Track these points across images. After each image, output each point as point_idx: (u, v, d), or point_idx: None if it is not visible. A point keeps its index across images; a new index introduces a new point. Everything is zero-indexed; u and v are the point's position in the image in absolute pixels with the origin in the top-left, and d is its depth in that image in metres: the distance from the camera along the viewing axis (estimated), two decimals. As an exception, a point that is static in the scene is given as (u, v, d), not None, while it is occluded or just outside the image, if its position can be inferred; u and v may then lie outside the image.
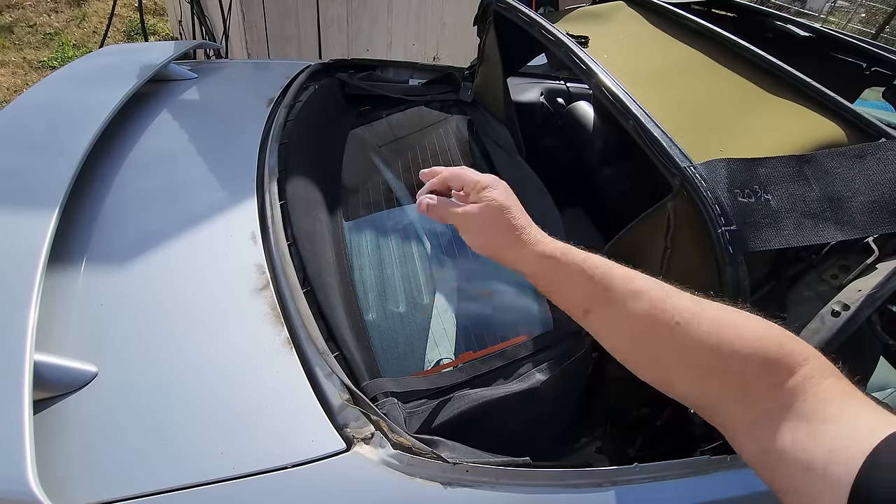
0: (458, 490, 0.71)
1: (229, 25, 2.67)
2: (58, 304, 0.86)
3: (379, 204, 1.34)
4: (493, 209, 0.59)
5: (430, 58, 3.25)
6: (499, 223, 0.59)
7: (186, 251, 0.99)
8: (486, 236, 0.60)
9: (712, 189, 0.79)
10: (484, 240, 0.60)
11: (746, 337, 0.46)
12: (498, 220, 0.59)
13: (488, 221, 0.59)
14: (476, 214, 0.60)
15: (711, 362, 0.46)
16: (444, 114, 1.64)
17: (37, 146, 1.11)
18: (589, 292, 0.53)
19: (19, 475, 0.61)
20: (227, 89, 1.54)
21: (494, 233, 0.59)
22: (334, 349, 0.86)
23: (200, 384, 0.79)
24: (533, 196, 1.23)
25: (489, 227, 0.59)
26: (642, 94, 0.97)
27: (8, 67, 3.48)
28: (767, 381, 0.44)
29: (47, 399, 0.74)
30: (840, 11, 9.11)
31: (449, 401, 0.83)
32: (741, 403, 0.45)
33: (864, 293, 0.83)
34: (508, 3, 1.37)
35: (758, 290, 0.91)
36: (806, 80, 1.05)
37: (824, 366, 0.44)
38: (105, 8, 4.16)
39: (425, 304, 1.09)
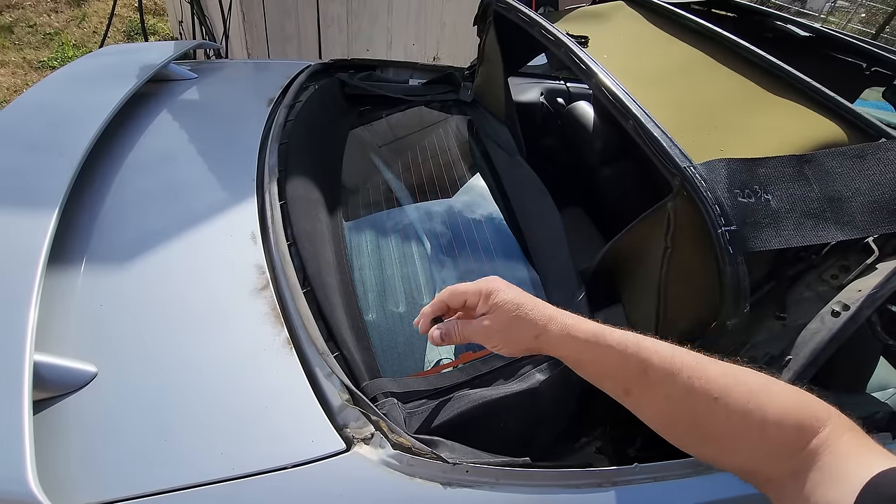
0: (458, 490, 0.71)
1: (229, 25, 2.67)
2: (58, 304, 0.86)
3: (379, 204, 1.34)
4: (508, 312, 0.59)
5: (430, 58, 3.24)
6: (520, 322, 0.58)
7: (186, 251, 0.99)
8: (514, 339, 0.59)
9: (712, 189, 0.79)
10: (513, 343, 0.59)
11: (780, 403, 0.49)
12: (518, 320, 0.58)
13: (510, 325, 0.58)
14: (497, 324, 0.59)
15: (749, 430, 0.49)
16: (444, 114, 1.64)
17: (37, 146, 1.11)
18: (627, 373, 0.54)
19: (19, 475, 0.61)
20: (227, 89, 1.54)
21: (520, 333, 0.58)
22: (334, 349, 0.86)
23: (200, 384, 0.79)
24: (533, 196, 1.23)
25: (513, 330, 0.58)
26: (642, 94, 0.97)
27: (8, 67, 3.47)
28: (797, 443, 0.47)
29: (47, 399, 0.74)
30: (840, 11, 9.11)
31: (449, 401, 0.83)
32: (771, 463, 0.48)
33: (864, 293, 0.83)
34: (508, 3, 1.37)
35: (758, 290, 0.91)
36: (806, 80, 1.05)
37: (843, 423, 0.48)
38: (105, 8, 4.16)
39: (425, 304, 1.09)
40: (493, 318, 0.59)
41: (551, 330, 0.57)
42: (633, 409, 0.55)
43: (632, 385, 0.54)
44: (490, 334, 0.59)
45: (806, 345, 0.83)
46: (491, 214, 1.32)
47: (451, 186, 1.39)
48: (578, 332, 0.56)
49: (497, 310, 0.59)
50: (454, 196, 1.37)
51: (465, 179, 1.44)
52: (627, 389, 0.54)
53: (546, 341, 0.57)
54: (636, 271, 0.98)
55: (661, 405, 0.53)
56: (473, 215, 1.32)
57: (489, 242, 1.23)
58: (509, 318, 0.58)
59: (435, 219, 1.30)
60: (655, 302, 0.88)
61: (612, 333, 0.56)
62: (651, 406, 0.54)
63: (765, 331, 0.88)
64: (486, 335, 0.60)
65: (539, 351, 0.59)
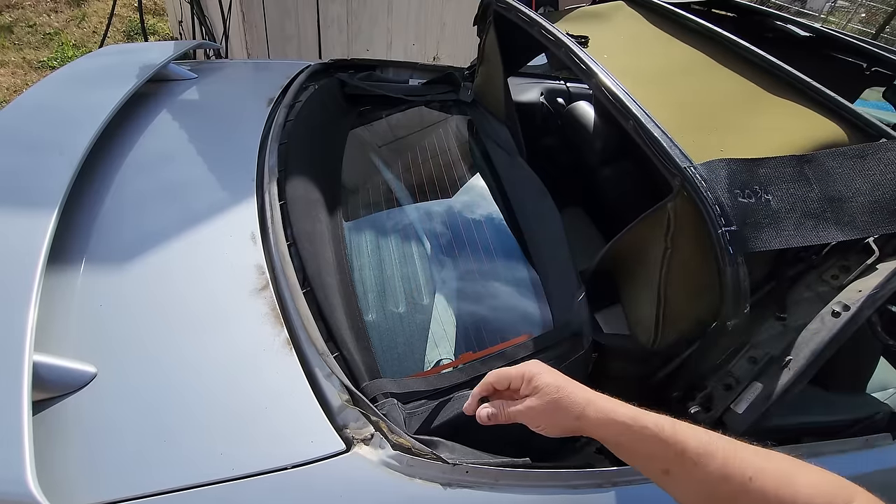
0: (458, 491, 0.71)
1: (229, 25, 2.67)
2: (57, 304, 0.86)
3: (379, 204, 1.34)
4: (550, 395, 0.63)
5: (430, 58, 3.24)
6: (561, 404, 0.62)
7: (186, 251, 0.98)
8: (556, 420, 0.62)
9: (712, 189, 0.78)
10: (555, 424, 0.63)
11: (812, 482, 0.52)
12: (560, 402, 0.62)
13: (552, 407, 0.62)
14: (539, 405, 0.63)
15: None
16: (444, 114, 1.64)
17: (37, 146, 1.11)
18: (665, 454, 0.57)
19: (18, 476, 0.61)
20: (227, 89, 1.54)
21: (562, 414, 0.62)
22: (334, 350, 0.86)
23: (200, 385, 0.79)
24: (533, 196, 1.23)
25: (555, 412, 0.62)
26: (642, 94, 0.97)
27: (8, 67, 3.47)
28: None
29: (47, 400, 0.74)
30: (840, 11, 9.11)
31: (449, 401, 0.83)
32: None
33: (865, 294, 0.83)
34: (508, 3, 1.37)
35: (758, 290, 0.91)
36: (806, 80, 1.05)
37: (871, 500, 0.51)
38: (105, 8, 4.16)
39: (425, 305, 1.09)
40: (535, 400, 0.63)
41: (590, 413, 0.61)
42: (671, 489, 0.58)
43: (670, 465, 0.57)
44: (534, 415, 0.63)
45: (806, 345, 0.83)
46: (491, 214, 1.32)
47: (451, 186, 1.39)
48: (617, 416, 0.60)
49: (539, 392, 0.63)
50: (454, 196, 1.37)
51: (465, 179, 1.44)
52: (666, 470, 0.57)
53: (587, 422, 0.61)
54: (636, 271, 0.98)
55: (700, 486, 0.55)
56: (473, 215, 1.32)
57: (489, 242, 1.23)
58: (551, 401, 0.62)
59: (435, 219, 1.30)
60: (655, 302, 0.88)
61: (648, 416, 0.59)
62: (689, 486, 0.56)
63: (765, 331, 0.88)
64: (530, 416, 0.64)
65: (580, 432, 0.62)
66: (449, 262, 1.19)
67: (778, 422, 1.01)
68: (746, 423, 0.81)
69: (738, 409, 0.82)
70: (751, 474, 0.52)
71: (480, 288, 1.14)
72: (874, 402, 1.24)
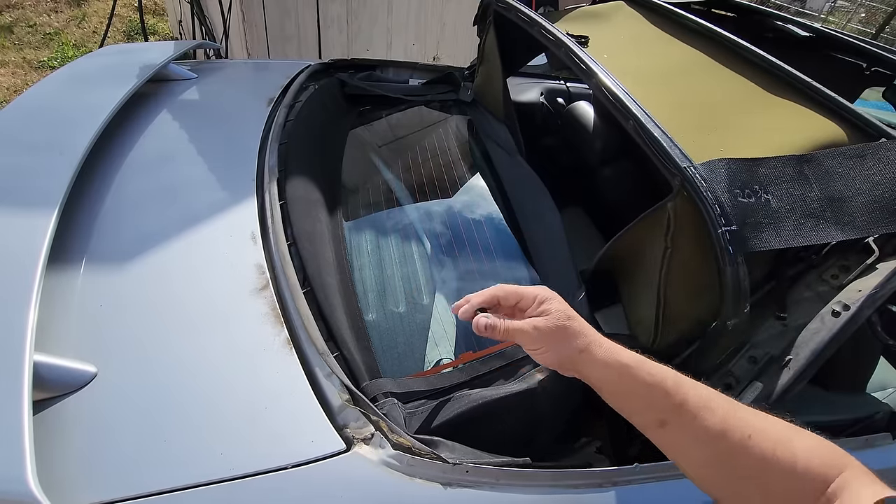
0: (458, 490, 0.71)
1: (229, 25, 2.67)
2: (57, 304, 0.86)
3: (379, 204, 1.34)
4: (559, 319, 0.59)
5: (430, 58, 3.24)
6: (569, 332, 0.58)
7: (186, 251, 0.99)
8: (559, 347, 0.59)
9: (712, 189, 0.78)
10: (556, 351, 0.59)
11: (807, 445, 0.51)
12: (567, 329, 0.58)
13: (559, 332, 0.58)
14: (545, 327, 0.59)
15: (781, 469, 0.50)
16: (444, 114, 1.64)
17: (37, 146, 1.11)
18: (664, 404, 0.54)
19: (19, 475, 0.61)
20: (227, 89, 1.54)
21: (567, 342, 0.58)
22: (334, 349, 0.86)
23: (200, 384, 0.79)
24: (533, 196, 1.23)
25: (560, 337, 0.59)
26: (642, 94, 0.97)
27: (8, 67, 3.47)
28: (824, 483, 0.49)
29: (47, 399, 0.74)
30: (840, 11, 9.11)
31: (449, 401, 0.83)
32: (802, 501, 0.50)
33: (865, 293, 0.83)
34: (508, 3, 1.37)
35: (758, 290, 0.91)
36: (806, 80, 1.05)
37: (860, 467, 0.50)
38: (105, 8, 4.16)
39: (425, 304, 1.09)
40: (543, 321, 0.59)
41: (594, 348, 0.58)
42: (665, 442, 0.55)
43: (669, 416, 0.54)
44: (536, 336, 0.59)
45: (806, 345, 0.83)
46: (491, 214, 1.32)
47: (451, 186, 1.39)
48: (621, 356, 0.57)
49: (549, 314, 0.59)
50: (454, 196, 1.37)
51: (465, 179, 1.44)
52: (663, 420, 0.54)
53: (590, 357, 0.57)
54: (636, 271, 0.98)
55: (697, 440, 0.53)
56: (473, 215, 1.32)
57: (489, 242, 1.23)
58: (559, 326, 0.58)
59: (435, 219, 1.30)
60: (655, 302, 0.88)
61: (652, 364, 0.57)
62: (685, 440, 0.54)
63: (765, 331, 0.88)
64: (532, 336, 0.59)
65: (577, 367, 0.59)
66: (449, 262, 1.19)
67: (778, 421, 1.01)
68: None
69: (738, 408, 0.82)
70: (750, 432, 0.51)
71: (480, 287, 1.14)
72: (874, 401, 1.24)
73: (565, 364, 0.59)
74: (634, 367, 0.56)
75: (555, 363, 0.60)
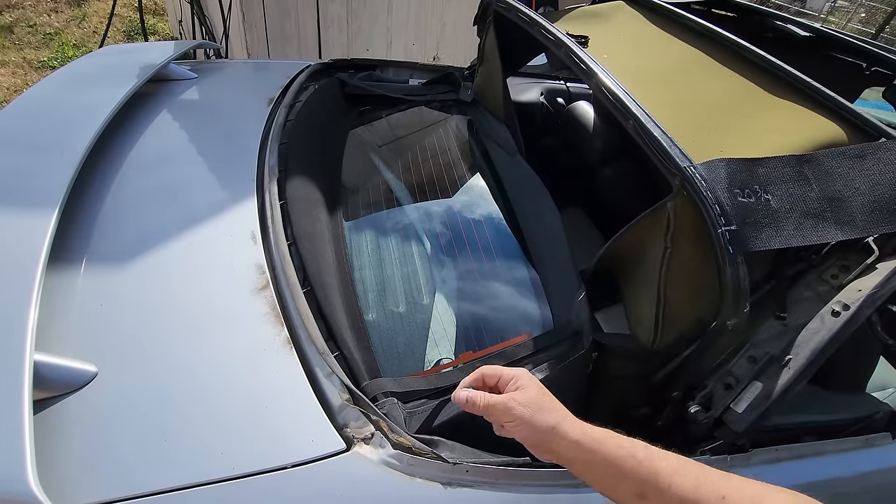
0: (458, 490, 0.71)
1: (229, 25, 2.67)
2: (58, 304, 0.86)
3: (379, 204, 1.34)
4: (534, 394, 0.63)
5: (430, 58, 3.24)
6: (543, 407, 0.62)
7: (186, 251, 0.99)
8: (535, 419, 0.61)
9: (712, 189, 0.79)
10: (532, 423, 0.61)
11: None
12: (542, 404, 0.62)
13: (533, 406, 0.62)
14: (521, 400, 0.62)
15: None
16: (444, 114, 1.64)
17: (37, 146, 1.11)
18: (638, 476, 0.56)
19: (19, 475, 0.61)
20: (227, 89, 1.54)
21: (542, 414, 0.61)
22: (334, 349, 0.86)
23: (200, 384, 0.79)
24: (533, 196, 1.23)
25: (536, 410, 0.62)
26: (642, 94, 0.97)
27: (8, 67, 3.47)
28: None
29: (47, 399, 0.74)
30: (840, 11, 9.11)
31: (449, 401, 0.83)
32: None
33: (865, 293, 0.83)
34: (508, 3, 1.37)
35: (758, 289, 0.91)
36: (806, 80, 1.05)
37: None
38: (105, 8, 4.16)
39: (425, 304, 1.09)
40: (519, 394, 0.63)
41: (566, 426, 0.60)
42: None
43: (645, 488, 0.56)
44: (512, 407, 0.62)
45: (806, 345, 0.83)
46: (491, 214, 1.32)
47: (451, 186, 1.39)
48: (593, 432, 0.60)
49: (524, 388, 0.63)
50: (454, 196, 1.37)
51: (465, 179, 1.44)
52: (642, 493, 0.56)
53: (562, 433, 0.60)
54: (636, 271, 0.98)
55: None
56: (473, 215, 1.32)
57: (489, 242, 1.23)
58: (534, 397, 0.62)
59: (435, 219, 1.30)
60: (655, 301, 0.88)
61: (622, 437, 0.60)
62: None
63: (765, 330, 0.88)
64: (506, 408, 0.62)
65: (550, 445, 0.61)
66: (449, 262, 1.19)
67: (778, 421, 1.01)
68: (746, 423, 0.81)
69: (738, 408, 0.82)
70: (724, 494, 0.53)
71: (480, 287, 1.14)
72: (874, 401, 1.24)
73: (538, 442, 0.61)
74: (604, 441, 0.59)
75: (528, 438, 0.62)
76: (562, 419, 0.61)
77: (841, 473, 0.96)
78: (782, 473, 0.89)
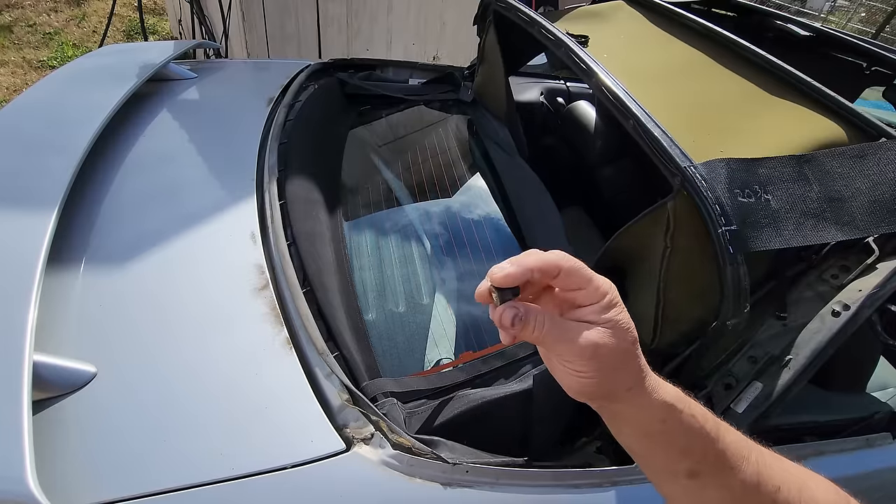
0: (458, 490, 0.71)
1: (229, 25, 2.67)
2: (57, 304, 0.86)
3: (379, 204, 1.34)
4: (628, 342, 0.42)
5: (430, 57, 3.24)
6: (629, 362, 0.43)
7: (186, 251, 0.98)
8: (611, 376, 0.42)
9: (712, 189, 0.78)
10: (605, 380, 0.42)
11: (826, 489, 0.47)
12: (630, 357, 0.43)
13: (619, 359, 0.42)
14: (610, 348, 0.41)
15: None
16: (444, 113, 1.64)
17: (36, 146, 1.11)
18: (703, 451, 0.45)
19: (18, 475, 0.61)
20: (227, 89, 1.54)
21: (620, 373, 0.43)
22: (334, 349, 0.86)
23: (200, 384, 0.79)
24: (533, 196, 1.23)
25: (617, 366, 0.42)
26: (642, 94, 0.97)
27: (7, 67, 3.47)
28: None
29: (47, 399, 0.74)
30: (840, 11, 9.10)
31: (449, 401, 0.83)
32: None
33: (865, 293, 0.83)
34: (508, 3, 1.36)
35: (758, 289, 0.91)
36: (806, 79, 1.05)
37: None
38: (104, 7, 4.15)
39: (425, 304, 1.09)
40: (609, 338, 0.41)
41: (645, 385, 0.44)
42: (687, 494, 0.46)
43: (704, 466, 0.45)
44: (590, 355, 0.41)
45: (806, 345, 0.83)
46: (491, 214, 1.32)
47: (451, 186, 1.39)
48: (667, 393, 0.45)
49: (617, 328, 0.42)
50: (454, 196, 1.37)
51: (465, 179, 1.44)
52: (695, 472, 0.45)
53: (636, 395, 0.43)
54: (636, 271, 0.98)
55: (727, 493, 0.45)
56: (473, 215, 1.32)
57: (489, 242, 1.23)
58: (625, 350, 0.42)
59: (435, 219, 1.30)
60: (655, 301, 0.88)
61: (695, 405, 0.46)
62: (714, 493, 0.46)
63: (765, 330, 0.88)
64: (584, 352, 0.41)
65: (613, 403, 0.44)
66: (449, 262, 1.19)
67: (778, 421, 1.01)
68: (746, 423, 0.81)
69: (738, 408, 0.82)
70: (779, 483, 0.44)
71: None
72: (874, 401, 1.24)
73: (607, 398, 0.44)
74: (679, 409, 0.44)
75: (597, 394, 0.43)
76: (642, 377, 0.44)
77: (841, 474, 0.96)
78: (782, 473, 0.89)
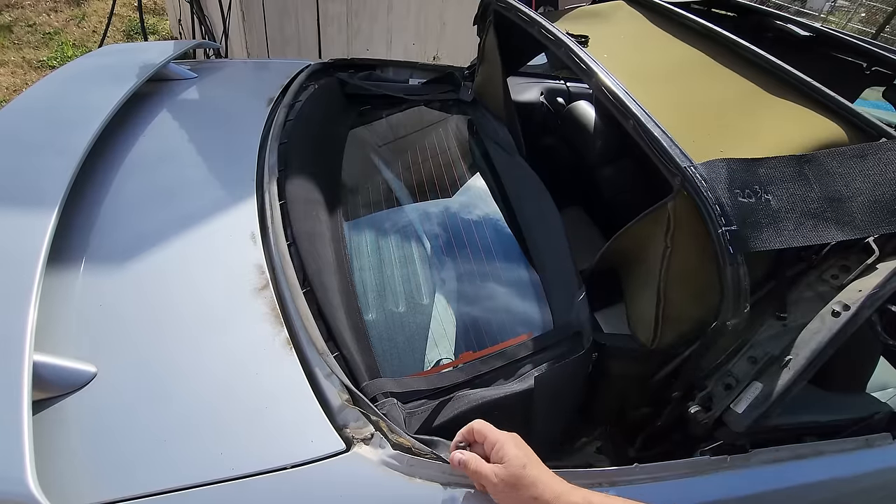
0: (458, 490, 0.71)
1: (229, 25, 2.67)
2: (57, 304, 0.86)
3: (379, 204, 1.34)
4: (515, 468, 0.64)
5: (430, 57, 3.24)
6: (522, 482, 0.64)
7: (186, 251, 0.98)
8: (514, 495, 0.64)
9: (712, 189, 0.78)
10: (513, 499, 0.64)
11: None
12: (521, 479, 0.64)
13: (512, 481, 0.64)
14: (502, 476, 0.64)
15: None
16: (444, 114, 1.64)
17: (36, 146, 1.11)
18: None
19: (18, 475, 0.61)
20: (227, 89, 1.54)
21: (521, 491, 0.64)
22: (334, 349, 0.86)
23: (200, 384, 0.79)
24: (533, 196, 1.23)
25: (514, 487, 0.64)
26: (642, 94, 0.97)
27: (7, 67, 3.47)
28: None
29: (47, 399, 0.74)
30: (840, 11, 9.10)
31: (449, 401, 0.83)
32: None
33: (865, 293, 0.83)
34: (508, 3, 1.36)
35: (758, 290, 0.91)
36: (806, 79, 1.05)
37: None
38: (104, 7, 4.15)
39: (425, 304, 1.09)
40: (501, 469, 0.65)
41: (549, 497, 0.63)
42: None
43: None
44: (497, 483, 0.65)
45: (806, 345, 0.83)
46: (491, 214, 1.32)
47: (451, 186, 1.38)
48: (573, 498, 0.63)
49: (505, 462, 0.65)
50: (454, 196, 1.37)
51: (465, 179, 1.44)
52: None
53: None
54: (636, 271, 0.98)
55: None
56: (473, 215, 1.32)
57: (489, 242, 1.23)
58: (513, 474, 0.64)
59: (435, 219, 1.30)
60: (655, 301, 0.88)
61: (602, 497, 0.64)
62: None
63: (765, 331, 0.88)
64: (493, 483, 0.65)
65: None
66: (449, 262, 1.19)
67: (778, 421, 1.01)
68: (746, 423, 0.81)
69: (738, 408, 0.82)
70: None
71: (480, 287, 1.14)
72: (874, 401, 1.24)
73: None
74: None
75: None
76: (542, 491, 0.63)
77: (841, 474, 0.96)
78: (782, 474, 0.89)
